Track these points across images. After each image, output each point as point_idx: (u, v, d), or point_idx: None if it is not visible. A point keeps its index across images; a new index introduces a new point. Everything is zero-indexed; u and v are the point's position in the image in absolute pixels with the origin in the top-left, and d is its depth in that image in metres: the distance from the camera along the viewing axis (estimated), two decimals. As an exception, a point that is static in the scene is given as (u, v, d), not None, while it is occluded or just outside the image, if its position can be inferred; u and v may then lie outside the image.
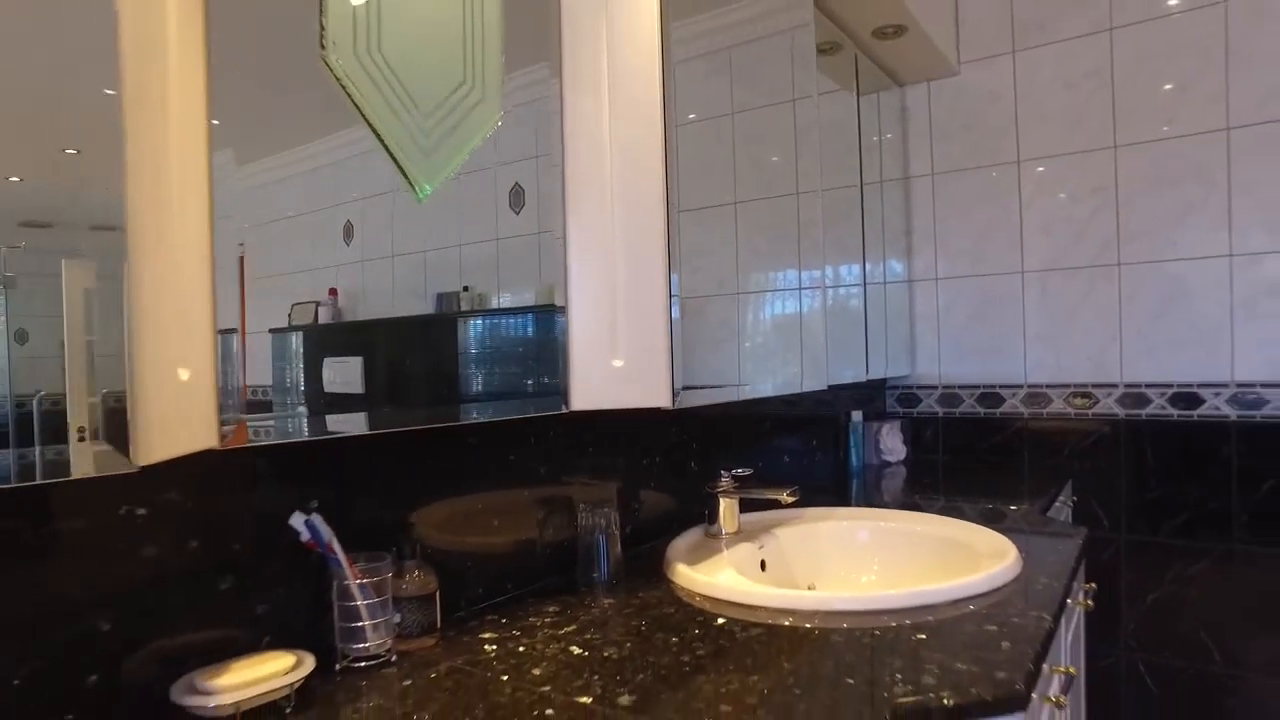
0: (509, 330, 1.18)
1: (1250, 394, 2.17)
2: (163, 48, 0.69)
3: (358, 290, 0.98)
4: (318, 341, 0.95)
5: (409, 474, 1.08)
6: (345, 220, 0.95)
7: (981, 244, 2.58)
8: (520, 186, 1.14)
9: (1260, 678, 2.18)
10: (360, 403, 0.98)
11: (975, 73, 2.56)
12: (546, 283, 1.18)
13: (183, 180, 0.71)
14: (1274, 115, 2.14)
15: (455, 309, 1.09)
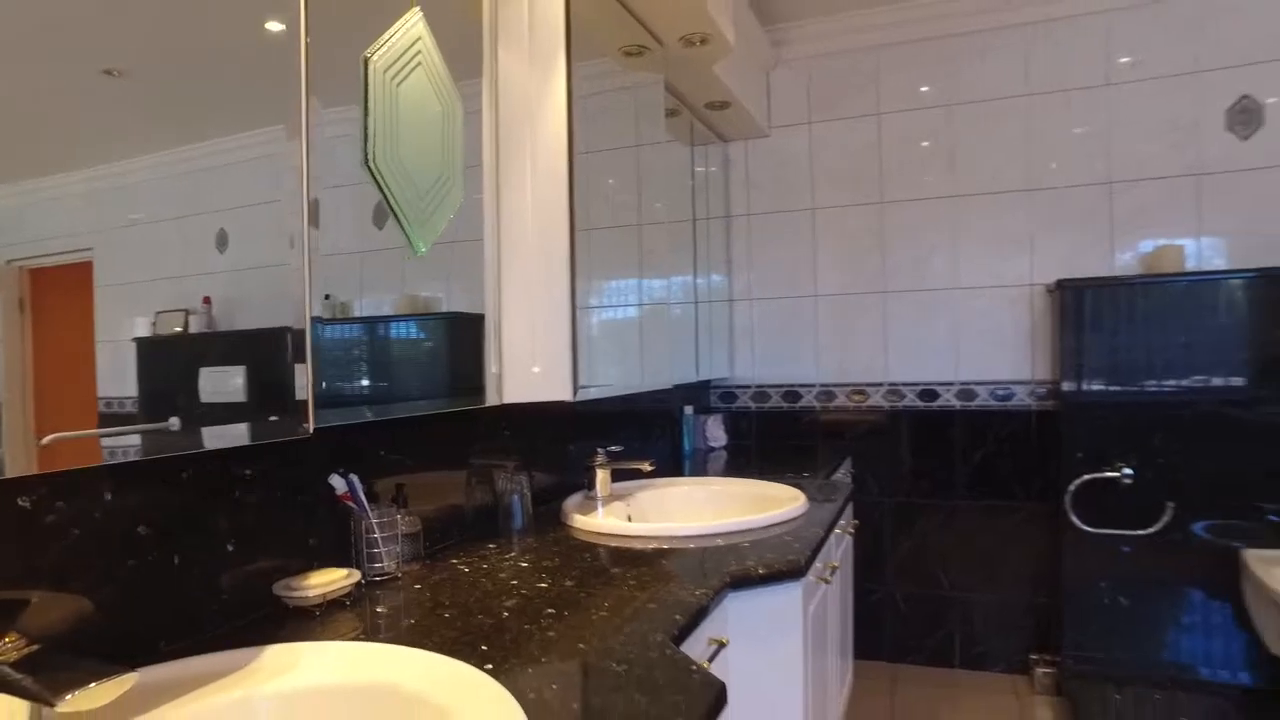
0: (410, 337, 1.54)
1: (968, 390, 2.98)
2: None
3: (235, 299, 1.01)
4: (189, 350, 0.97)
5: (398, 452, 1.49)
6: (219, 228, 0.99)
7: (785, 272, 3.24)
8: (384, 207, 1.31)
9: (971, 594, 2.98)
10: (245, 412, 1.02)
11: (782, 136, 3.22)
12: (406, 294, 1.40)
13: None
14: (987, 189, 2.95)
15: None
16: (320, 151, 1.14)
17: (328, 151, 1.19)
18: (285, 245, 1.09)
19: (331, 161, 1.21)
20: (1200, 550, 2.58)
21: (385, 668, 0.92)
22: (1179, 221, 2.75)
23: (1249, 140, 2.67)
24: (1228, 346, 2.54)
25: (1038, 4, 2.85)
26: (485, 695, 0.83)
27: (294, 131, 1.08)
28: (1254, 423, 2.52)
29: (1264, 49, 2.65)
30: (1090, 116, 2.84)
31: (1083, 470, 2.67)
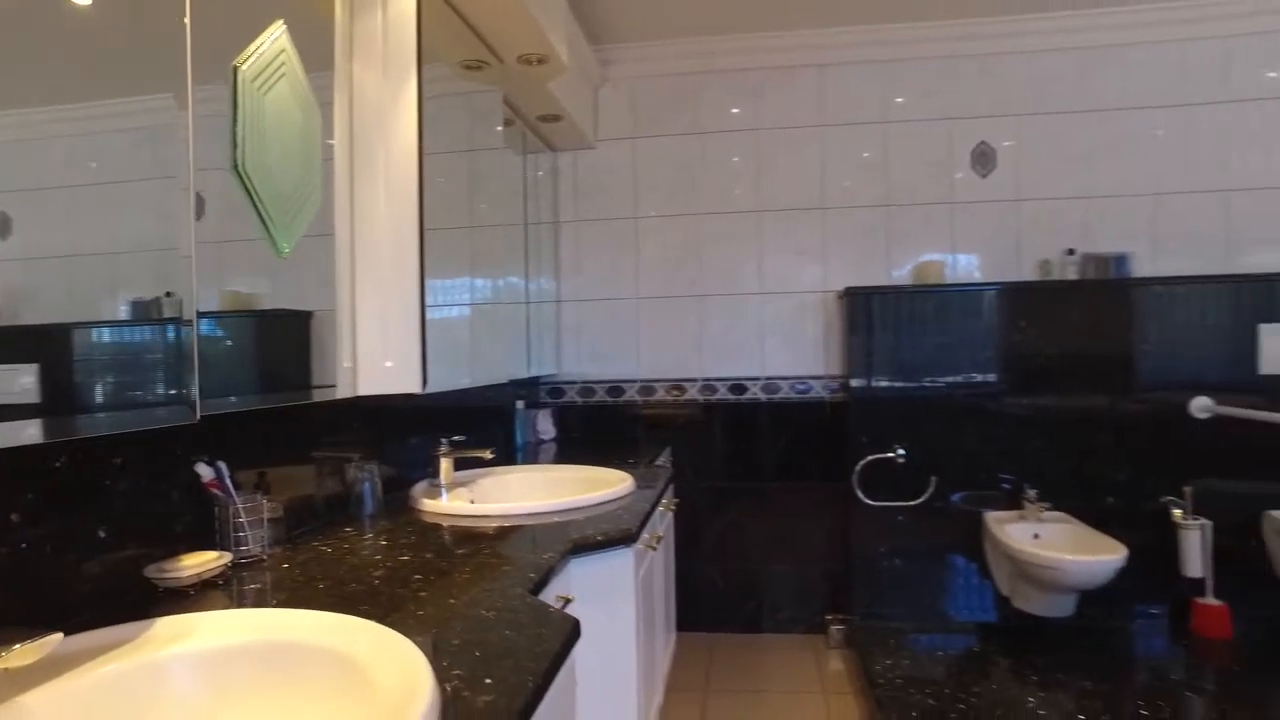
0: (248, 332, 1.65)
1: (772, 384, 3.36)
2: None
3: (19, 290, 0.96)
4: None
5: (254, 443, 1.55)
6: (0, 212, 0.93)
7: (610, 275, 3.48)
8: (202, 197, 1.24)
9: (776, 566, 3.37)
10: (38, 412, 0.97)
11: (608, 149, 3.46)
12: (230, 289, 1.38)
13: None
14: (788, 205, 3.34)
15: (158, 314, 1.14)
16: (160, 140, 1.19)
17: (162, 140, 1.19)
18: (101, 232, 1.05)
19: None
20: (956, 516, 3.09)
21: (284, 627, 1.03)
22: (939, 240, 3.27)
23: (987, 178, 3.24)
24: (981, 348, 3.07)
25: (829, 48, 3.28)
26: (384, 641, 0.97)
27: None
28: (999, 411, 3.06)
29: (994, 106, 3.22)
30: (872, 147, 3.30)
31: (866, 452, 3.11)
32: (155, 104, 1.17)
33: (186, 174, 1.18)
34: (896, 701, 2.45)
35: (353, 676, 0.92)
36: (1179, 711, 2.38)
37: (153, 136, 1.17)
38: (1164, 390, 2.99)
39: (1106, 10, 3.11)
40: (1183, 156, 3.17)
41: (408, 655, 0.93)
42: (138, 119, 1.15)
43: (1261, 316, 2.94)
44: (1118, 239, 3.17)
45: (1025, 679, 2.59)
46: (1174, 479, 2.94)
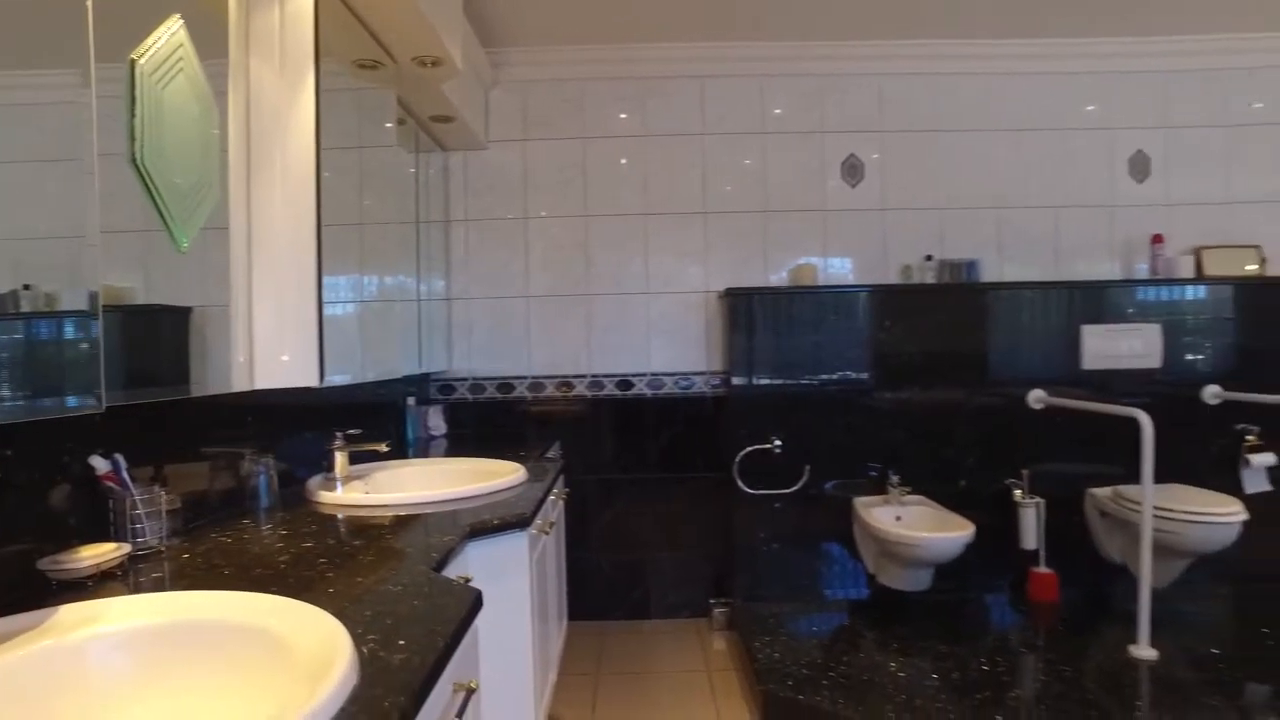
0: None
1: (658, 380, 3.51)
2: None
3: None
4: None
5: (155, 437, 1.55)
6: None
7: (500, 274, 3.54)
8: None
9: (662, 554, 3.52)
10: None
11: (499, 150, 3.52)
12: (104, 284, 1.29)
13: None
14: (672, 209, 3.50)
15: (14, 307, 1.11)
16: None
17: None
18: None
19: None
20: (828, 502, 3.33)
21: (197, 607, 1.07)
22: (813, 245, 3.52)
23: (856, 188, 3.51)
24: (851, 345, 3.32)
25: (711, 61, 3.46)
26: (298, 613, 1.03)
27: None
28: (867, 404, 3.32)
29: (863, 122, 3.50)
30: (751, 156, 3.51)
31: (746, 444, 3.30)
32: (56, 80, 1.17)
33: (91, 159, 1.19)
34: (773, 673, 2.64)
35: (273, 647, 0.97)
36: (1014, 666, 2.68)
37: (54, 117, 1.18)
38: (1007, 384, 3.32)
39: (960, 41, 3.44)
40: (1021, 175, 3.55)
41: (324, 623, 0.99)
42: (31, 95, 1.15)
43: (1084, 318, 3.32)
44: (969, 247, 3.51)
45: (889, 647, 2.83)
46: (1015, 463, 3.28)
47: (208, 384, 1.65)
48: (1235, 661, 2.69)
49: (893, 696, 2.44)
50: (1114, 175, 3.58)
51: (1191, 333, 3.36)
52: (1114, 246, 3.57)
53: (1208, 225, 3.58)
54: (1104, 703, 2.39)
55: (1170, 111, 3.59)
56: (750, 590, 3.35)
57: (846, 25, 3.28)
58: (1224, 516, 2.86)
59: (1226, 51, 3.56)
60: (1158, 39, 3.49)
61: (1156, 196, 3.59)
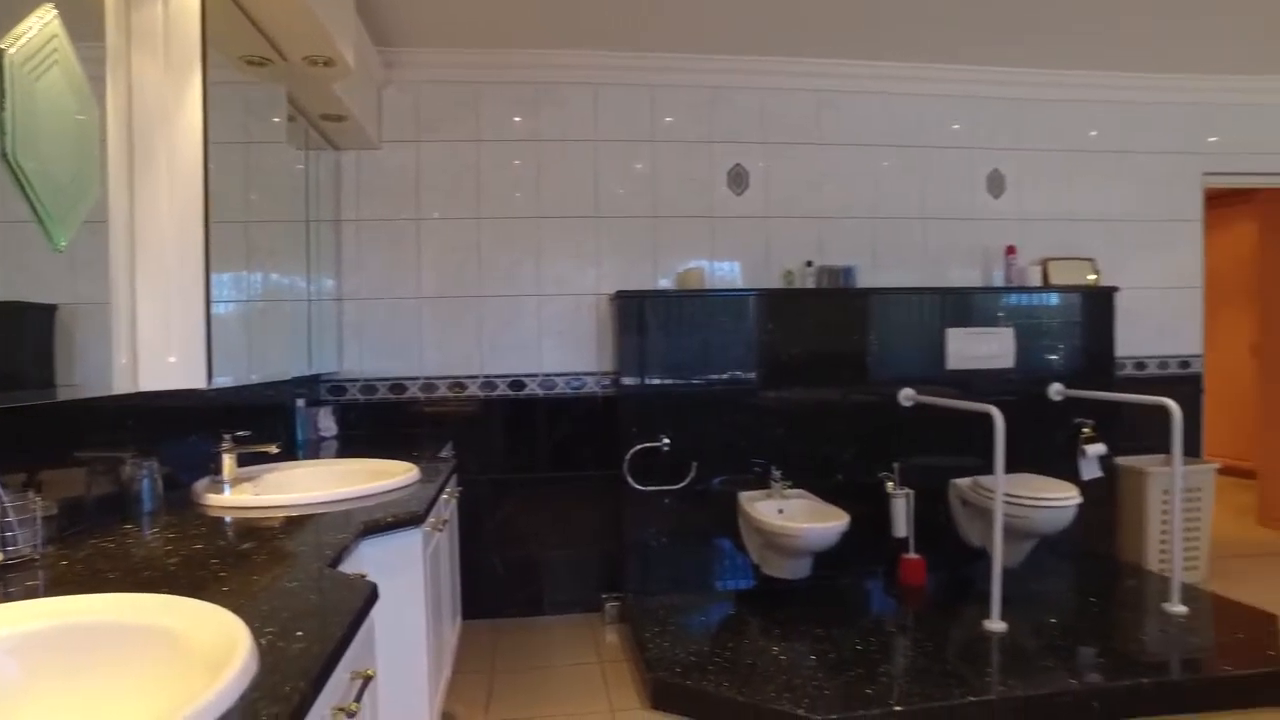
0: None
1: (550, 380, 3.58)
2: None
3: None
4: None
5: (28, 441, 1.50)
6: None
7: (392, 275, 3.52)
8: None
9: (555, 551, 3.59)
10: None
11: (392, 150, 3.50)
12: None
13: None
14: (565, 213, 3.57)
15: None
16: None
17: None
18: None
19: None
20: (715, 497, 3.47)
21: (84, 610, 1.05)
22: (700, 249, 3.66)
23: (741, 196, 3.68)
24: (736, 347, 3.47)
25: (602, 69, 3.55)
26: (193, 610, 1.04)
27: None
28: (752, 403, 3.49)
29: (748, 133, 3.68)
30: (642, 162, 3.62)
31: (636, 442, 3.41)
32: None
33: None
34: (663, 661, 2.76)
35: (170, 644, 0.98)
36: (885, 644, 2.89)
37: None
38: (881, 383, 3.56)
39: (839, 61, 3.66)
40: (894, 187, 3.81)
41: (221, 618, 1.02)
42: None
43: (948, 321, 3.60)
44: (846, 253, 3.73)
45: (771, 633, 2.99)
46: (887, 457, 3.52)
47: (81, 386, 1.61)
48: (1070, 628, 2.99)
49: (774, 678, 2.60)
50: (974, 190, 3.90)
51: (1039, 335, 3.69)
52: (974, 256, 3.88)
53: (1053, 239, 3.95)
54: (961, 672, 2.62)
55: (1022, 135, 3.94)
56: (641, 584, 3.46)
57: (734, 41, 3.44)
58: (1063, 501, 3.17)
59: (1069, 85, 3.94)
60: (1014, 70, 3.83)
61: (1010, 211, 3.92)
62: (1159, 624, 3.05)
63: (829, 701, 2.42)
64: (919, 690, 2.50)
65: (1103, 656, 2.76)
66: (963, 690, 2.49)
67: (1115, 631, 3.01)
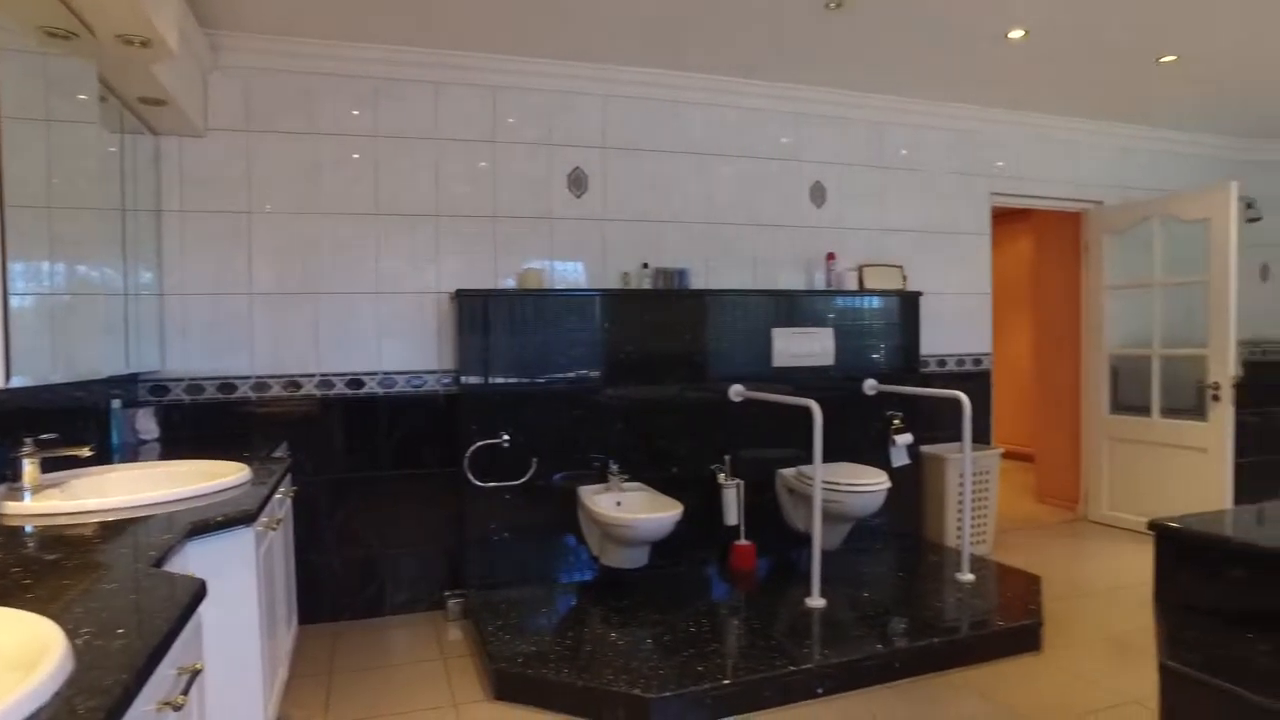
0: None
1: (390, 379, 3.54)
2: None
3: None
4: None
5: None
6: None
7: (220, 269, 3.36)
8: None
9: (396, 550, 3.55)
10: None
11: (220, 139, 3.34)
12: None
13: None
14: (402, 210, 3.54)
15: None
16: None
17: None
18: None
19: None
20: (556, 492, 3.56)
21: None
22: (540, 250, 3.74)
23: (580, 199, 3.79)
24: (575, 345, 3.57)
25: (442, 67, 3.55)
26: (3, 619, 1.01)
27: None
28: (591, 400, 3.60)
29: (587, 137, 3.80)
30: (483, 161, 3.65)
31: (476, 439, 3.44)
32: None
33: None
34: (505, 653, 2.81)
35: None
36: (716, 625, 3.08)
37: None
38: (714, 380, 3.77)
39: (677, 73, 3.84)
40: (725, 195, 4.04)
41: (27, 622, 0.99)
42: None
43: (775, 322, 3.86)
44: (680, 256, 3.93)
45: (610, 621, 3.12)
46: (719, 450, 3.74)
47: None
48: (879, 600, 3.31)
49: (612, 662, 2.72)
50: (799, 200, 4.20)
51: (856, 336, 4.04)
52: (799, 261, 4.18)
53: (868, 247, 4.33)
54: (785, 645, 2.85)
55: (842, 151, 4.29)
56: (483, 579, 3.50)
57: (576, 48, 3.53)
58: (875, 486, 3.49)
59: (882, 108, 4.32)
60: (835, 90, 4.16)
61: (831, 220, 4.26)
62: (952, 591, 3.42)
63: (664, 680, 2.57)
64: (746, 665, 2.70)
65: (905, 622, 3.08)
66: (784, 661, 2.71)
67: (916, 600, 3.35)
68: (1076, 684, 2.81)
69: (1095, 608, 3.55)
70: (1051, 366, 5.43)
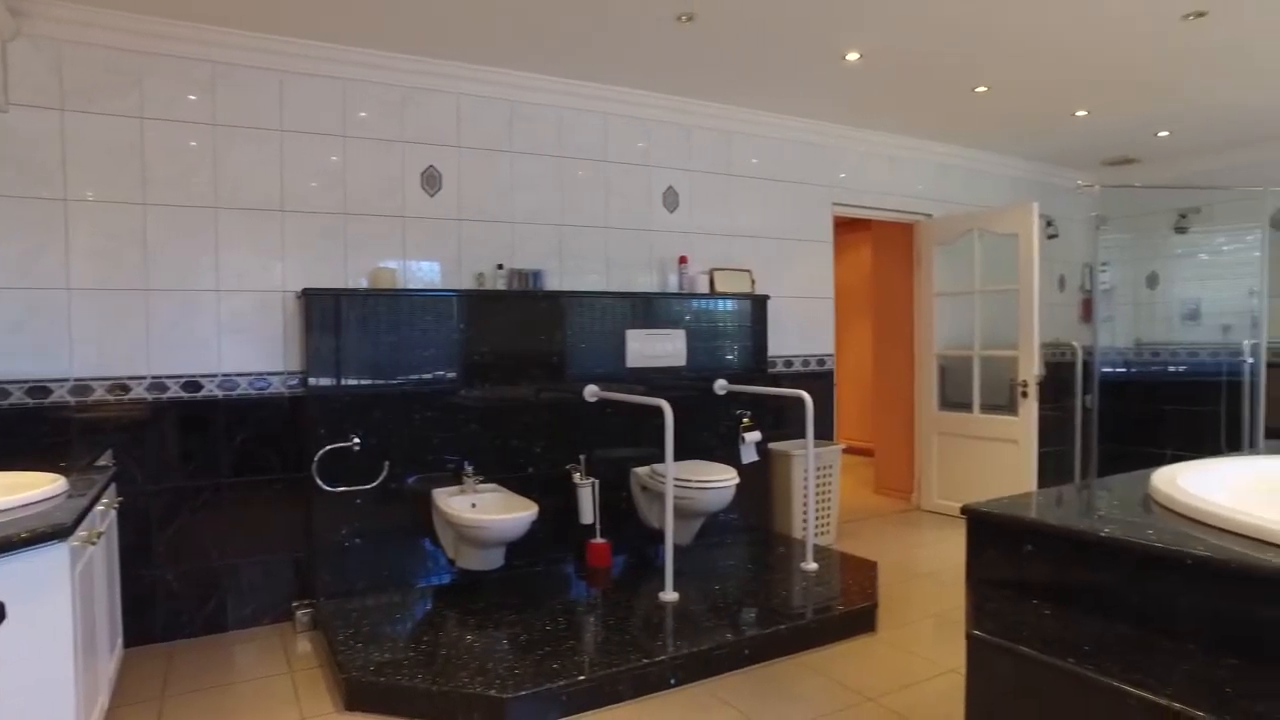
0: None
1: (230, 381, 3.36)
2: None
3: None
4: None
5: None
6: None
7: (29, 262, 3.06)
8: None
9: (239, 561, 3.37)
10: None
11: (24, 116, 3.04)
12: None
13: None
14: (244, 204, 3.37)
15: None
16: None
17: None
18: None
19: None
20: (409, 495, 3.49)
21: None
22: (393, 249, 3.66)
23: (434, 198, 3.74)
24: (429, 346, 3.51)
25: (288, 55, 3.41)
26: None
27: None
28: (445, 401, 3.55)
29: (441, 135, 3.75)
30: (333, 156, 3.53)
31: (325, 443, 3.32)
32: None
33: None
34: (357, 662, 2.74)
35: None
36: (572, 622, 3.12)
37: None
38: (570, 380, 3.81)
39: (533, 75, 3.86)
40: (581, 198, 4.10)
41: None
42: None
43: (629, 324, 3.95)
44: (535, 258, 3.94)
45: (466, 623, 3.09)
46: (575, 449, 3.78)
47: None
48: (729, 592, 3.45)
49: (467, 664, 2.70)
50: (652, 204, 4.31)
51: (707, 337, 4.19)
52: (653, 264, 4.30)
53: (718, 251, 4.50)
54: (640, 640, 2.92)
55: (693, 158, 4.44)
56: (335, 587, 3.38)
57: (428, 44, 3.48)
58: (724, 483, 3.64)
59: (733, 118, 4.51)
60: (689, 100, 4.30)
61: (683, 225, 4.40)
62: (798, 580, 3.62)
63: (519, 680, 2.58)
64: (601, 660, 2.75)
65: (754, 611, 3.23)
66: (639, 655, 2.78)
67: (764, 590, 3.52)
68: (906, 658, 3.04)
69: (924, 588, 3.86)
70: (889, 367, 5.83)
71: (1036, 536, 1.69)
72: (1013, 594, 1.72)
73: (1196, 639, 1.39)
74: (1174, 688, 1.29)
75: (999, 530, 1.79)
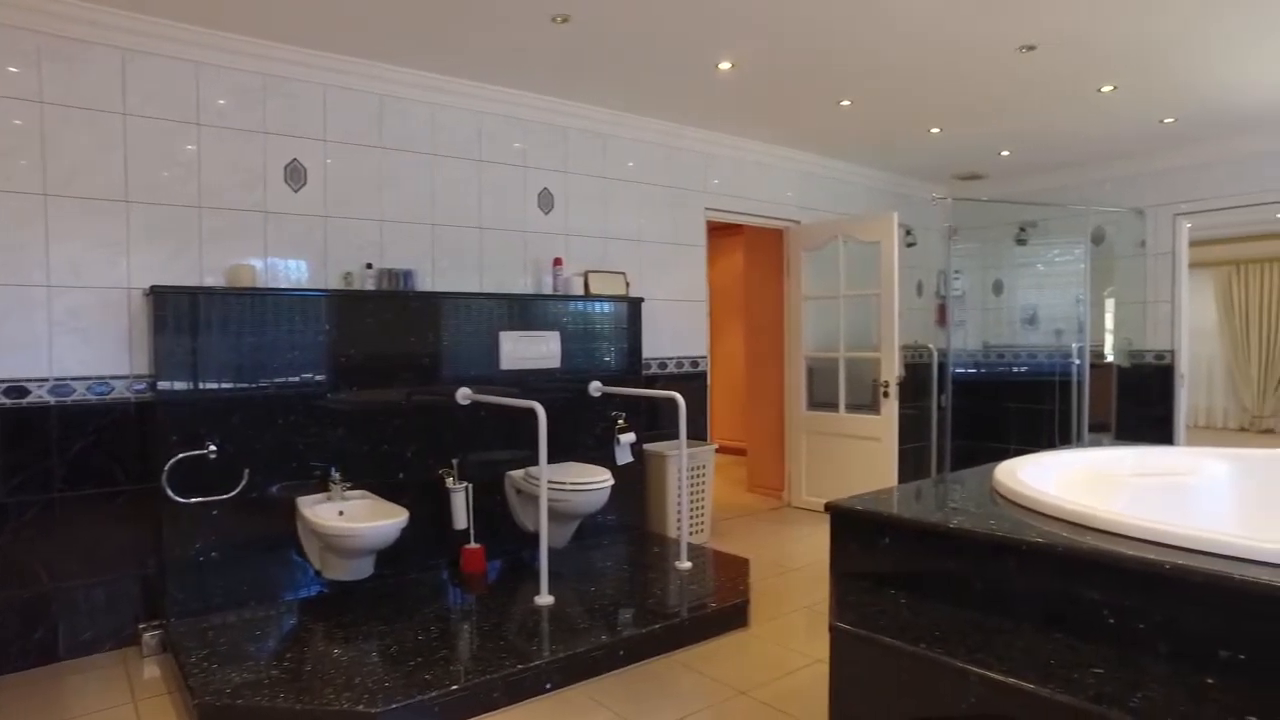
0: None
1: (64, 386, 3.08)
2: None
3: None
4: None
5: None
6: None
7: None
8: None
9: (77, 583, 3.10)
10: None
11: None
12: None
13: None
14: (80, 193, 3.11)
15: None
16: None
17: None
18: None
19: None
20: (272, 504, 3.32)
21: None
22: (253, 245, 3.46)
23: (299, 193, 3.57)
24: (292, 348, 3.34)
25: (131, 32, 3.16)
26: None
27: None
28: (310, 405, 3.39)
29: (306, 128, 3.58)
30: (187, 145, 3.30)
31: (177, 451, 3.11)
32: None
33: None
34: (211, 685, 2.57)
35: None
36: (446, 630, 3.05)
37: None
38: (442, 383, 3.73)
39: (405, 70, 3.75)
40: (453, 197, 4.02)
41: None
42: None
43: (502, 325, 3.90)
44: (406, 257, 3.83)
45: (334, 636, 2.97)
46: (447, 453, 3.70)
47: None
48: (605, 593, 3.47)
49: (334, 680, 2.59)
50: (528, 206, 4.28)
51: (582, 339, 4.20)
52: (527, 265, 4.26)
53: (593, 254, 4.52)
54: (515, 645, 2.89)
55: (568, 160, 4.43)
56: (187, 606, 3.16)
57: (289, 29, 3.31)
58: (599, 484, 3.66)
59: (609, 121, 4.54)
60: (565, 101, 4.30)
61: (559, 227, 4.39)
62: (673, 579, 3.68)
63: (389, 693, 2.50)
64: (475, 668, 2.70)
65: (629, 612, 3.26)
66: (514, 661, 2.75)
67: (640, 590, 3.56)
68: (777, 651, 3.15)
69: (795, 583, 4.01)
70: (761, 368, 6.02)
71: (894, 530, 1.78)
72: (872, 585, 1.81)
73: (1030, 618, 1.51)
74: (1009, 663, 1.40)
75: (859, 525, 1.88)
